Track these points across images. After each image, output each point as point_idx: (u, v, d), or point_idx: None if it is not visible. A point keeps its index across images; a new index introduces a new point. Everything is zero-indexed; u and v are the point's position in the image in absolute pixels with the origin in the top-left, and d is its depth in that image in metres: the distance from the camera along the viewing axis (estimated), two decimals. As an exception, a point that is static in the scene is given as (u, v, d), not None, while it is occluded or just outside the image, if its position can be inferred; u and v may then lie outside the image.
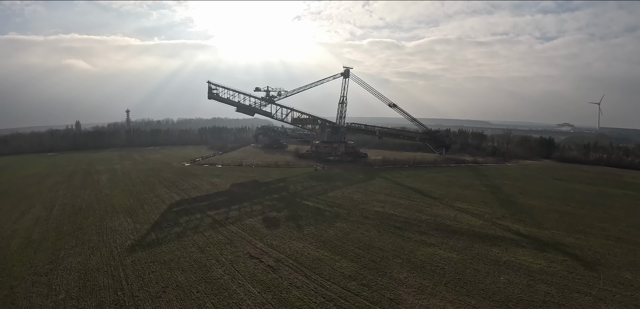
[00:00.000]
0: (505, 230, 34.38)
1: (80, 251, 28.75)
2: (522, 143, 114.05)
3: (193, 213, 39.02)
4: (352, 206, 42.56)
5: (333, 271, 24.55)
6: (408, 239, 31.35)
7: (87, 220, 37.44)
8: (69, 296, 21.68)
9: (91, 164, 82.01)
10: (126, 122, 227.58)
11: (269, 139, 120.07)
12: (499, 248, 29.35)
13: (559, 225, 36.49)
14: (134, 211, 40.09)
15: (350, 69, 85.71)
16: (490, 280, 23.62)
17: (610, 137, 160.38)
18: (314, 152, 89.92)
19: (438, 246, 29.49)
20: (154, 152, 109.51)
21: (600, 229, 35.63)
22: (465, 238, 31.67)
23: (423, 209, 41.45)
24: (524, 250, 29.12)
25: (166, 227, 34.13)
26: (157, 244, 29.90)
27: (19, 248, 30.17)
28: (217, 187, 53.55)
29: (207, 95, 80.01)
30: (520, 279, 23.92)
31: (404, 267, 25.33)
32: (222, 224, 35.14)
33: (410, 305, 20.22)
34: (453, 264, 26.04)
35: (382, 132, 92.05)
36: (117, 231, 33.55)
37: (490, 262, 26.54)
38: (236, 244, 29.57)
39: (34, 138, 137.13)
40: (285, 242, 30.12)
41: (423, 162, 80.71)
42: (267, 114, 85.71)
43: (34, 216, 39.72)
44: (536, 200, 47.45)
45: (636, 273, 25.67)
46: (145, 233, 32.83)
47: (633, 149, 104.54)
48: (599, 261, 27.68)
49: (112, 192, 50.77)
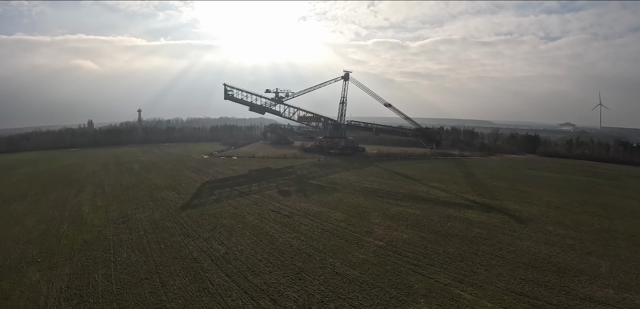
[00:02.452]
0: (464, 200, 44.42)
1: (143, 211, 39.17)
2: (510, 140, 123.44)
3: (223, 188, 49.67)
4: (347, 183, 52.93)
5: (329, 218, 35.04)
6: (386, 202, 41.67)
7: (138, 193, 47.91)
8: (147, 232, 31.96)
9: (118, 157, 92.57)
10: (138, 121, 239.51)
11: (276, 136, 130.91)
12: (454, 209, 39.44)
13: (511, 198, 46.17)
14: (174, 187, 50.67)
15: (350, 73, 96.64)
16: (439, 225, 33.73)
17: (609, 136, 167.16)
18: (318, 146, 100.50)
19: (407, 207, 39.76)
20: (172, 147, 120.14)
21: (545, 202, 44.96)
22: (430, 203, 41.83)
23: (403, 186, 51.68)
24: (473, 211, 39.12)
25: (204, 196, 44.73)
26: (201, 205, 40.45)
27: (90, 211, 40.30)
28: (237, 172, 64.30)
29: (224, 96, 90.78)
30: (462, 225, 33.94)
31: (379, 216, 35.70)
32: (247, 194, 45.72)
33: (379, 234, 30.52)
34: (415, 216, 36.26)
35: (378, 129, 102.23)
36: (166, 199, 44.07)
37: (443, 216, 36.63)
38: (260, 204, 40.11)
39: (56, 135, 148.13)
40: (296, 203, 40.64)
41: (413, 155, 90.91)
42: (276, 112, 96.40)
43: (90, 193, 50.02)
44: (501, 182, 57.15)
45: (558, 226, 33.51)
46: (189, 199, 43.39)
47: (613, 145, 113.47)
48: (530, 219, 36.97)
49: (149, 176, 61.34)
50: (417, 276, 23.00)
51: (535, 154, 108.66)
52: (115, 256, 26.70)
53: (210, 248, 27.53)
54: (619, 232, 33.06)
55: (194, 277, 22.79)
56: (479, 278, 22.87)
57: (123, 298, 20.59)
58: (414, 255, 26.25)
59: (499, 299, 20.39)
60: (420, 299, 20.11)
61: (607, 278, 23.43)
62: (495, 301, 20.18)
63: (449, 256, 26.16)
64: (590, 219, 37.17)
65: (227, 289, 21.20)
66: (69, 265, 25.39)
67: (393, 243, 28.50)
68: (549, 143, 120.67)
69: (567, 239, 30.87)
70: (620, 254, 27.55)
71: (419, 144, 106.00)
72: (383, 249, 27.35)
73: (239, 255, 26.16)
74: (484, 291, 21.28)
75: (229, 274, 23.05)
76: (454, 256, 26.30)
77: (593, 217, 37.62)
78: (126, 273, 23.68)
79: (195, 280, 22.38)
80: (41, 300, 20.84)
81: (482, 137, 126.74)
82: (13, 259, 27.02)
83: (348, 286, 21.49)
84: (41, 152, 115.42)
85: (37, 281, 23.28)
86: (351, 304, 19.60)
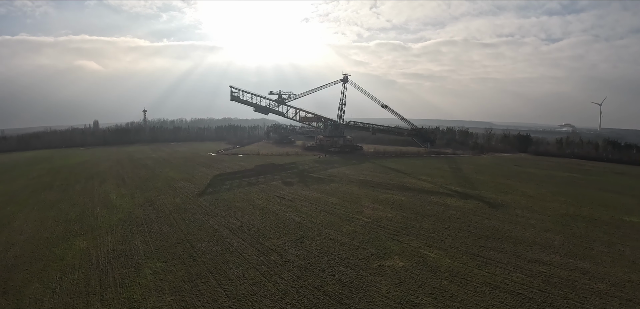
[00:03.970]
0: (447, 189, 49.97)
1: (165, 197, 44.85)
2: (503, 139, 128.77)
3: (232, 180, 55.49)
4: (344, 176, 58.64)
5: (326, 202, 40.81)
6: (376, 190, 47.37)
7: (157, 184, 53.60)
8: (172, 212, 37.57)
9: (129, 155, 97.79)
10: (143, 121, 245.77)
11: (279, 136, 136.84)
12: (435, 196, 45.05)
13: (490, 189, 51.54)
14: (189, 179, 56.44)
15: (349, 76, 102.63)
16: (420, 208, 39.33)
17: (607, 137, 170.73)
18: (318, 145, 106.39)
19: (394, 194, 45.42)
20: (179, 146, 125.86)
21: (521, 192, 50.03)
22: (415, 192, 47.45)
23: (393, 178, 57.34)
24: (452, 198, 44.67)
25: (217, 186, 50.51)
26: (215, 193, 46.20)
27: (117, 198, 45.96)
28: (244, 167, 70.16)
29: (230, 97, 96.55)
30: (440, 208, 39.49)
31: (369, 201, 41.42)
32: (254, 184, 51.54)
33: (367, 213, 36.22)
34: (400, 201, 41.91)
35: (375, 129, 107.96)
36: (183, 188, 49.80)
37: (425, 202, 42.22)
38: (267, 192, 45.90)
39: (65, 134, 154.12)
40: (298, 191, 46.41)
41: (408, 154, 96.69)
42: (279, 113, 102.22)
43: (113, 184, 55.51)
44: (485, 176, 62.54)
45: (525, 211, 37.99)
46: (203, 188, 49.16)
47: (602, 144, 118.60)
48: (502, 205, 42.16)
49: (163, 170, 67.06)
50: (395, 242, 28.64)
51: (527, 153, 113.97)
52: (149, 229, 32.40)
53: (227, 223, 33.29)
54: (581, 216, 36.85)
55: (216, 242, 28.50)
56: (445, 244, 28.45)
57: (161, 255, 26.27)
58: (394, 228, 31.90)
59: (458, 258, 25.90)
60: (395, 256, 25.73)
61: (557, 249, 28.16)
62: (455, 259, 25.71)
63: (423, 230, 31.78)
64: (558, 206, 41.69)
65: (244, 249, 26.91)
66: (110, 236, 31.07)
67: (378, 220, 34.18)
68: (541, 143, 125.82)
69: (530, 220, 35.93)
70: (576, 233, 31.65)
71: (414, 143, 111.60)
72: (369, 223, 33.04)
73: (251, 227, 31.92)
74: (447, 252, 26.85)
75: (244, 240, 28.77)
76: (428, 229, 31.92)
77: (561, 205, 41.96)
78: (160, 240, 29.38)
79: (218, 244, 28.09)
80: (93, 259, 26.44)
81: (476, 137, 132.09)
82: (58, 233, 32.48)
83: (339, 248, 27.16)
84: (53, 150, 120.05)
85: (85, 246, 28.88)
86: (340, 258, 25.25)
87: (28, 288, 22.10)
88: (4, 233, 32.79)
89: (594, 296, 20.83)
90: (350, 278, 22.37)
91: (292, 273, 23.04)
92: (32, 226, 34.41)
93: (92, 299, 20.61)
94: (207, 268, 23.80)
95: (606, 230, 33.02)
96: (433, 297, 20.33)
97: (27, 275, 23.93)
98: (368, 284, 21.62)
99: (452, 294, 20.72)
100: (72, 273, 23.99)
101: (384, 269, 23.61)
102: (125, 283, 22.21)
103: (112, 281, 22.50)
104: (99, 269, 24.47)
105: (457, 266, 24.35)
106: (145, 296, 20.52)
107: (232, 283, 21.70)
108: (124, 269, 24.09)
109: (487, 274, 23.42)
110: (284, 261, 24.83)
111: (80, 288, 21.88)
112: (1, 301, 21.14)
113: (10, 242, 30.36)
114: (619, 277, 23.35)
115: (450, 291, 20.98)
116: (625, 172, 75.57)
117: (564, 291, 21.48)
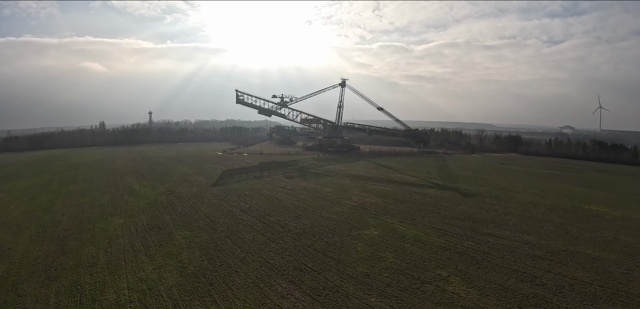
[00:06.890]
0: (428, 182, 56.65)
1: (182, 187, 51.77)
2: (495, 140, 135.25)
3: (240, 174, 62.50)
4: (339, 172, 65.55)
5: (321, 191, 47.75)
6: (366, 183, 54.23)
7: (173, 177, 60.59)
8: (190, 198, 44.57)
9: (141, 153, 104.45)
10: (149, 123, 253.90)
11: (281, 136, 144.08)
12: (417, 188, 51.78)
13: (468, 182, 58.00)
14: (201, 173, 63.47)
15: (347, 80, 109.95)
16: (400, 196, 46.07)
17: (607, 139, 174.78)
18: (318, 145, 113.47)
19: (381, 186, 52.25)
20: (186, 146, 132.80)
21: (496, 185, 56.28)
22: (400, 184, 54.21)
23: (383, 173, 64.15)
24: (431, 189, 51.31)
25: (227, 179, 57.52)
26: (226, 184, 53.20)
27: (141, 188, 53.05)
28: (250, 164, 77.21)
29: (235, 100, 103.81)
30: (418, 196, 46.17)
31: (358, 190, 48.28)
32: (260, 178, 58.54)
33: (355, 200, 43.06)
34: (385, 191, 48.71)
35: (371, 130, 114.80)
36: (197, 181, 56.77)
37: (407, 192, 48.95)
38: (271, 184, 52.88)
39: (75, 134, 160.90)
40: (297, 183, 53.36)
41: (401, 153, 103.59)
42: (281, 115, 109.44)
43: (132, 177, 62.39)
44: (468, 173, 68.97)
45: (493, 199, 42.96)
46: (215, 181, 56.16)
47: (590, 144, 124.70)
48: (475, 194, 48.53)
49: (175, 167, 74.07)
50: (374, 219, 35.46)
51: (517, 152, 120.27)
52: (174, 210, 39.36)
53: (238, 205, 40.27)
54: (543, 204, 40.72)
55: (231, 218, 35.47)
56: (415, 221, 35.19)
57: (188, 226, 33.20)
58: (375, 210, 38.73)
59: (423, 231, 32.54)
60: (372, 229, 32.54)
61: (510, 227, 33.63)
62: (420, 231, 32.39)
63: (399, 211, 38.56)
64: (525, 196, 46.91)
65: (253, 222, 33.86)
66: (143, 215, 37.99)
67: (363, 204, 41.04)
68: (531, 143, 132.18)
69: (495, 206, 42.16)
70: (533, 216, 36.02)
71: (409, 143, 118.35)
72: (355, 207, 39.91)
73: (258, 208, 38.90)
74: (415, 226, 33.59)
75: (253, 217, 35.73)
76: (403, 211, 38.70)
77: (529, 196, 46.65)
78: (185, 217, 36.33)
79: (232, 219, 35.05)
80: (132, 229, 33.28)
81: (469, 137, 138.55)
82: (96, 214, 39.10)
83: (328, 222, 34.04)
84: (65, 149, 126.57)
85: (123, 222, 35.74)
86: (328, 229, 32.13)
87: (83, 250, 28.72)
88: (48, 214, 39.44)
89: (528, 258, 26.34)
90: (335, 240, 29.26)
91: (290, 237, 29.98)
92: (71, 209, 40.96)
93: (138, 255, 27.45)
94: (225, 234, 30.76)
95: (562, 215, 37.04)
96: (396, 253, 27.08)
97: (79, 242, 30.40)
98: (348, 245, 28.48)
99: (411, 252, 27.44)
100: (118, 240, 30.82)
101: (362, 236, 30.46)
102: (162, 244, 29.13)
103: (151, 243, 29.41)
104: (139, 236, 31.38)
105: (420, 235, 31.10)
106: (179, 251, 27.44)
107: (245, 243, 28.64)
108: (159, 236, 31.01)
109: (443, 241, 30.04)
110: (284, 230, 31.77)
111: (127, 248, 28.73)
112: (63, 259, 27.88)
113: (56, 220, 36.67)
114: (557, 247, 28.50)
115: (410, 251, 27.72)
116: (608, 170, 79.05)
117: (503, 253, 27.73)
